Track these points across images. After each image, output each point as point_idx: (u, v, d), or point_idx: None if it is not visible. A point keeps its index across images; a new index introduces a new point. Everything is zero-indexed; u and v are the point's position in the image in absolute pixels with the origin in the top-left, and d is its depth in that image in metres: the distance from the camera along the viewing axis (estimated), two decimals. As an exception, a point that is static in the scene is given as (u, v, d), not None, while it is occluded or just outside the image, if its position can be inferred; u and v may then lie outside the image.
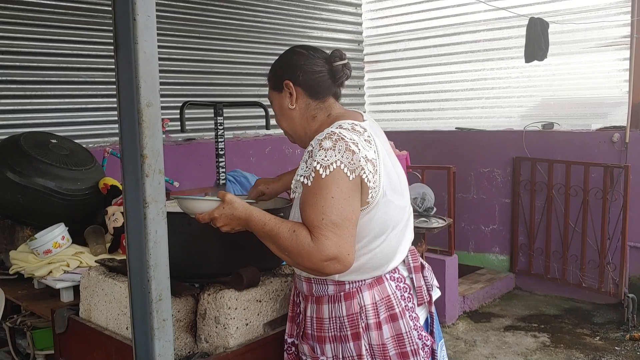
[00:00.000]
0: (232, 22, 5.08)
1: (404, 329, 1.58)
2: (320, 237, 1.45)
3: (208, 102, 3.57)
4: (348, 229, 1.47)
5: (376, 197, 1.53)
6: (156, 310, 1.28)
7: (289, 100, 1.68)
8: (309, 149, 1.54)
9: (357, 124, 1.58)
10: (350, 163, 1.48)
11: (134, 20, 1.22)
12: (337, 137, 1.50)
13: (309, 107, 1.68)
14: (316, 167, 1.48)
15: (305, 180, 1.50)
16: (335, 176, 1.47)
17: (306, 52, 1.69)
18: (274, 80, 1.73)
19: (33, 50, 3.93)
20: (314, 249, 1.45)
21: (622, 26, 4.72)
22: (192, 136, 4.79)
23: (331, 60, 1.69)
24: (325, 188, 1.47)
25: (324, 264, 1.46)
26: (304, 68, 1.66)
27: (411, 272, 1.67)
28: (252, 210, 1.56)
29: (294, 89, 1.67)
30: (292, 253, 1.48)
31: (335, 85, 1.70)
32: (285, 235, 1.49)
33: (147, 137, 1.26)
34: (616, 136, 4.66)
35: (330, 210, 1.45)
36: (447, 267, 4.44)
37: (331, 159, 1.47)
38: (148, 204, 1.27)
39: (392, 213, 1.59)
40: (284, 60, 1.72)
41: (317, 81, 1.67)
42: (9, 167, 2.77)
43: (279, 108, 1.73)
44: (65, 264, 2.56)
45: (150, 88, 1.25)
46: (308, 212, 1.48)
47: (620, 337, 4.17)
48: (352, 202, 1.49)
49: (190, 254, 1.74)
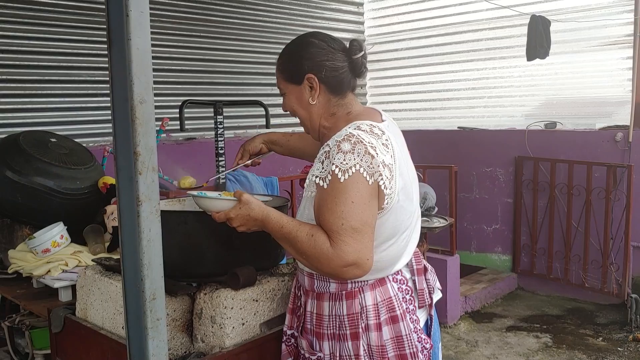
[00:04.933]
0: (233, 21, 5.07)
1: (404, 331, 1.56)
2: (339, 243, 1.42)
3: (208, 101, 3.55)
4: (367, 234, 1.44)
5: (391, 203, 1.50)
6: (150, 309, 1.27)
7: (310, 94, 1.61)
8: (326, 149, 1.49)
9: (376, 126, 1.54)
10: (369, 167, 1.44)
11: (127, 16, 1.21)
12: (356, 139, 1.46)
13: (329, 103, 1.63)
14: (334, 170, 1.44)
15: (321, 182, 1.46)
16: (354, 180, 1.43)
17: (326, 46, 1.60)
18: (290, 71, 1.63)
19: (32, 49, 3.93)
20: (334, 255, 1.42)
21: (625, 25, 4.70)
22: (192, 135, 4.78)
23: (351, 52, 1.61)
24: (344, 192, 1.43)
25: (344, 269, 1.43)
26: (327, 65, 1.58)
27: (414, 274, 1.65)
28: (269, 211, 1.53)
29: (317, 84, 1.60)
30: (310, 257, 1.46)
31: (354, 78, 1.65)
32: (303, 239, 1.46)
33: (141, 135, 1.24)
34: (619, 135, 4.63)
35: (350, 216, 1.42)
36: (449, 267, 4.42)
37: (350, 162, 1.43)
38: (141, 202, 1.26)
39: (403, 218, 1.56)
40: (303, 52, 1.61)
41: (340, 78, 1.61)
42: (7, 166, 2.77)
43: (296, 101, 1.64)
44: (63, 263, 2.55)
45: (143, 85, 1.24)
46: (326, 217, 1.44)
47: (623, 337, 4.14)
48: (371, 207, 1.45)
49: (186, 253, 1.72)
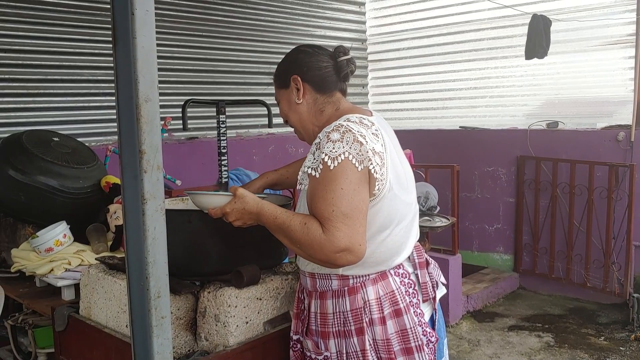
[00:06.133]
0: (236, 21, 5.07)
1: (408, 325, 1.58)
2: (331, 229, 1.45)
3: (210, 101, 3.56)
4: (358, 219, 1.47)
5: (383, 190, 1.53)
6: (155, 308, 1.27)
7: (296, 94, 1.69)
8: (317, 141, 1.54)
9: (365, 118, 1.59)
10: (358, 154, 1.48)
11: (132, 14, 1.21)
12: (345, 129, 1.50)
13: (317, 102, 1.70)
14: (324, 158, 1.48)
15: (313, 172, 1.50)
16: (343, 167, 1.47)
17: (311, 50, 1.72)
18: (280, 78, 1.74)
19: (35, 48, 3.93)
20: (326, 241, 1.45)
21: (627, 24, 4.69)
22: (194, 135, 4.79)
23: (335, 55, 1.71)
24: (334, 180, 1.47)
25: (336, 255, 1.46)
26: (309, 64, 1.69)
27: (416, 268, 1.67)
28: (263, 204, 1.56)
29: (301, 84, 1.68)
30: (304, 245, 1.49)
31: (340, 81, 1.72)
32: (296, 227, 1.49)
33: (146, 133, 1.24)
34: (621, 135, 4.63)
35: (340, 202, 1.45)
36: (451, 266, 4.41)
37: (339, 150, 1.47)
38: (146, 200, 1.26)
39: (398, 207, 1.59)
40: (289, 59, 1.74)
41: (323, 76, 1.68)
42: (11, 165, 2.78)
43: (287, 103, 1.73)
44: (66, 262, 2.56)
45: (148, 83, 1.24)
46: (318, 204, 1.48)
47: (625, 337, 4.14)
48: (361, 193, 1.48)
49: (190, 252, 1.73)
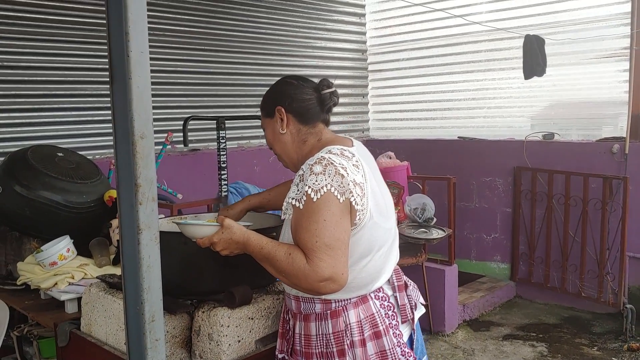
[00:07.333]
0: (236, 34, 5.16)
1: (387, 346, 1.65)
2: (315, 259, 1.52)
3: (211, 117, 3.67)
4: (341, 249, 1.55)
5: (364, 219, 1.60)
6: (149, 331, 1.35)
7: (280, 124, 1.77)
8: (300, 173, 1.62)
9: (346, 149, 1.67)
10: (340, 186, 1.55)
11: (128, 56, 1.29)
12: (327, 161, 1.58)
13: (300, 132, 1.77)
14: (307, 191, 1.55)
15: (297, 204, 1.57)
16: (326, 199, 1.54)
17: (296, 82, 1.79)
18: (266, 108, 1.82)
19: (38, 64, 4.04)
20: (310, 271, 1.52)
21: (622, 38, 4.76)
22: (196, 147, 4.88)
23: (319, 88, 1.78)
24: (317, 211, 1.54)
25: (320, 284, 1.53)
26: (293, 96, 1.76)
27: (395, 291, 1.75)
28: (249, 234, 1.64)
29: (285, 115, 1.76)
30: (289, 275, 1.56)
31: (323, 112, 1.79)
32: (281, 258, 1.57)
33: (141, 167, 1.33)
34: (616, 147, 4.69)
35: (323, 233, 1.53)
36: (447, 276, 4.49)
37: (322, 182, 1.54)
38: (142, 230, 1.34)
39: (378, 235, 1.66)
40: (275, 90, 1.82)
41: (306, 108, 1.76)
42: (16, 181, 2.86)
43: (271, 133, 1.81)
44: (70, 276, 2.63)
45: (143, 121, 1.32)
46: (302, 235, 1.55)
47: (619, 347, 4.20)
48: (343, 224, 1.56)
49: (185, 272, 1.81)
